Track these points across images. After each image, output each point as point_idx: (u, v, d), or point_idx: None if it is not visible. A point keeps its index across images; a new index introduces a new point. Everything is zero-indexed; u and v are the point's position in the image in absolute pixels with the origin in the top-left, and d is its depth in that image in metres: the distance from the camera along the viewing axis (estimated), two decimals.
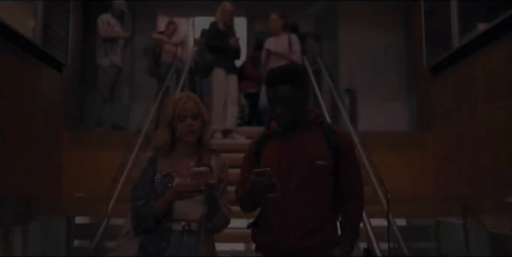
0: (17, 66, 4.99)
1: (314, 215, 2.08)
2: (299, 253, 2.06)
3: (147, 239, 2.14)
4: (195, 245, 2.14)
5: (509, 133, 4.31)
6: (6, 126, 4.71)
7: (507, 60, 4.36)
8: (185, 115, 2.21)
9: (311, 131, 2.17)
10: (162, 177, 2.19)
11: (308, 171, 2.08)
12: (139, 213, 2.13)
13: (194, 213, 2.17)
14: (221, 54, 5.81)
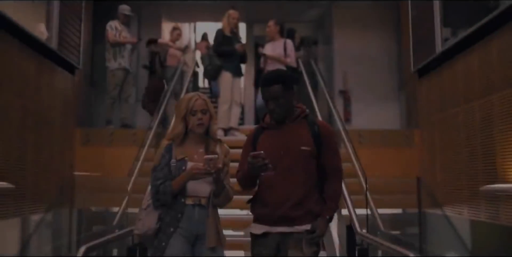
0: (36, 70, 5.45)
1: (300, 190, 2.55)
2: (288, 221, 2.52)
3: (165, 211, 2.61)
4: (204, 217, 2.61)
5: (485, 130, 4.76)
6: (26, 124, 5.16)
7: (482, 64, 4.82)
8: (196, 111, 2.67)
9: (298, 123, 2.65)
10: (177, 161, 2.65)
11: (295, 155, 2.56)
12: (159, 190, 2.58)
13: (204, 191, 2.64)
14: (228, 58, 6.28)
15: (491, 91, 4.63)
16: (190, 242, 2.61)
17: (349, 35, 8.40)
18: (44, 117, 5.59)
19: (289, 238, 2.54)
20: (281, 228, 2.56)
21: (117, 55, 6.59)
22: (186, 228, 2.60)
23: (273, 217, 2.56)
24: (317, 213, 2.57)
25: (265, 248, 2.57)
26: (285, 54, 6.17)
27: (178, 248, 2.55)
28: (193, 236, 2.61)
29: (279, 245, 2.56)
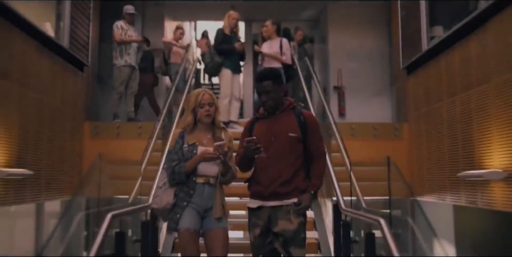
0: (50, 67, 5.86)
1: (288, 170, 3.00)
2: (278, 196, 2.96)
3: (179, 188, 3.05)
4: (212, 193, 3.06)
5: (464, 122, 5.19)
6: (42, 117, 5.57)
7: (462, 62, 5.24)
8: (204, 104, 3.12)
9: (286, 113, 3.10)
10: (189, 146, 3.10)
11: (284, 140, 3.01)
12: (174, 171, 3.02)
13: (212, 171, 3.09)
14: (228, 56, 6.68)
15: (469, 87, 5.06)
16: (200, 214, 3.06)
17: (343, 34, 8.80)
18: (57, 111, 6.01)
19: (279, 210, 2.98)
20: (272, 202, 3.00)
21: (123, 53, 7.00)
22: (197, 203, 3.04)
23: (265, 194, 3.00)
24: (303, 189, 3.01)
25: (259, 219, 3.01)
26: (281, 52, 6.58)
27: (190, 219, 3.00)
28: (203, 209, 3.06)
29: (270, 217, 2.99)
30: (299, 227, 2.95)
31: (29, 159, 5.18)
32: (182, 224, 2.98)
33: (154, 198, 3.11)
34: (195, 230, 3.00)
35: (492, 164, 4.57)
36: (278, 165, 3.00)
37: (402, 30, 7.04)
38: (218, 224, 3.06)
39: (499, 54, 4.50)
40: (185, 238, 2.97)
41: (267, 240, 2.99)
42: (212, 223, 3.05)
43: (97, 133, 6.99)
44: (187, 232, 2.97)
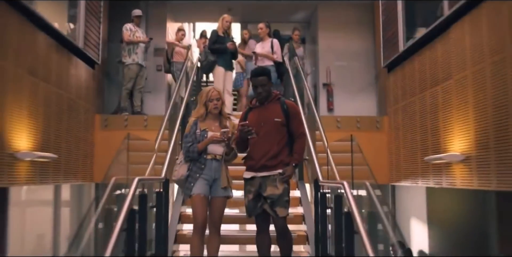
0: (67, 64, 6.58)
1: (275, 148, 3.77)
2: (267, 168, 3.71)
3: (193, 163, 3.84)
4: (219, 167, 3.85)
5: (433, 113, 5.94)
6: (62, 110, 6.30)
7: (431, 62, 6.00)
8: (213, 99, 3.89)
9: (273, 103, 3.86)
10: (201, 131, 3.85)
11: (271, 124, 3.77)
12: (189, 150, 3.79)
13: (219, 151, 3.87)
14: (221, 55, 7.39)
15: (436, 83, 5.82)
16: (209, 184, 3.83)
17: (332, 35, 9.53)
18: (73, 104, 6.73)
19: (267, 179, 3.74)
20: (262, 173, 3.76)
21: (131, 52, 7.71)
22: (207, 174, 3.81)
23: (256, 166, 3.76)
24: (287, 162, 3.77)
25: (252, 186, 3.76)
26: (272, 51, 7.31)
27: (201, 187, 3.77)
28: (212, 180, 3.83)
29: (261, 184, 3.75)
30: (283, 192, 3.70)
31: (51, 146, 5.90)
32: (195, 191, 3.75)
33: (174, 172, 3.89)
34: (204, 196, 3.77)
35: (453, 148, 5.33)
36: (267, 144, 3.76)
37: (383, 32, 7.79)
38: (224, 192, 3.84)
39: (458, 55, 5.26)
40: (197, 201, 3.73)
41: (258, 204, 3.74)
42: (219, 191, 3.83)
43: (107, 125, 7.70)
44: (198, 196, 3.74)
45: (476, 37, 4.89)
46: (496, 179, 4.51)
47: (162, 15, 9.64)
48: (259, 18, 9.23)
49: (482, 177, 4.75)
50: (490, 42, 4.62)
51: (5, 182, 4.90)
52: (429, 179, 6.10)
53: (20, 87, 5.23)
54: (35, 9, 5.43)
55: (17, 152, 5.02)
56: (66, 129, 6.43)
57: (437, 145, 5.79)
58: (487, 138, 4.66)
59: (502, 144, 4.37)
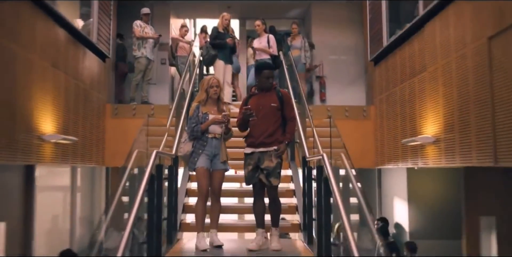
0: (83, 58, 7.29)
1: (271, 128, 4.48)
2: (264, 145, 4.43)
3: (196, 141, 4.53)
4: (218, 145, 4.55)
5: (410, 102, 6.66)
6: (79, 99, 7.01)
7: (409, 55, 6.72)
8: (212, 86, 4.57)
9: (270, 91, 4.56)
10: (203, 114, 4.54)
11: (268, 109, 4.48)
12: (193, 130, 4.49)
13: (218, 130, 4.55)
14: (221, 50, 8.10)
15: (414, 74, 6.55)
16: (210, 158, 4.53)
17: (325, 30, 10.22)
18: (87, 94, 7.44)
19: (265, 154, 4.45)
20: (261, 149, 4.47)
21: (140, 47, 8.42)
22: (208, 151, 4.52)
23: (256, 143, 4.47)
24: (281, 140, 4.48)
25: (252, 159, 4.48)
26: (268, 46, 8.04)
27: (203, 161, 4.48)
28: (212, 155, 4.54)
29: (259, 158, 4.46)
30: (276, 165, 4.44)
31: (70, 130, 6.61)
32: (198, 164, 4.46)
33: (180, 149, 4.60)
34: (207, 168, 4.48)
35: (426, 132, 6.06)
36: (264, 124, 4.48)
37: (370, 29, 8.50)
38: (222, 166, 4.55)
39: (431, 50, 5.98)
40: (200, 173, 4.45)
41: (256, 174, 4.46)
42: (218, 165, 4.54)
43: (117, 113, 8.41)
44: (202, 169, 4.46)
45: (444, 35, 5.61)
46: (459, 157, 5.24)
47: (165, 12, 10.31)
48: (257, 15, 9.92)
49: (449, 156, 5.48)
50: (455, 39, 5.33)
51: (34, 160, 5.62)
52: (407, 161, 6.84)
53: (45, 77, 5.94)
54: (57, 9, 6.13)
55: (44, 134, 5.73)
56: (82, 116, 7.15)
57: (414, 129, 6.51)
58: (452, 122, 5.39)
59: (465, 127, 5.10)
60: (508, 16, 4.30)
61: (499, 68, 4.47)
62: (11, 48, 5.04)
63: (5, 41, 4.91)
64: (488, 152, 4.62)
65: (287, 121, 4.59)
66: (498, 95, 4.48)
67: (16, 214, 5.76)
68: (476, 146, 4.86)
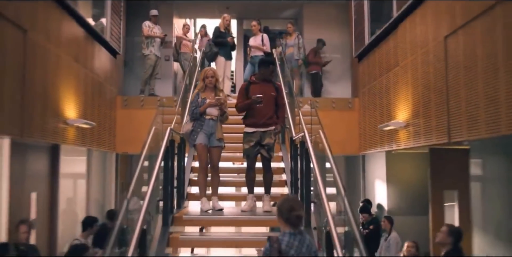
0: (98, 54, 8.21)
1: (270, 113, 5.39)
2: (265, 125, 5.35)
3: (195, 122, 5.43)
4: (214, 125, 5.45)
5: (386, 94, 7.60)
6: (95, 91, 7.93)
7: (386, 52, 7.65)
8: (208, 76, 5.51)
9: (268, 82, 5.49)
10: (201, 99, 5.46)
11: (268, 96, 5.40)
12: (193, 112, 5.41)
13: (215, 113, 5.46)
14: (222, 47, 9.04)
15: (389, 69, 7.48)
16: (207, 136, 5.42)
17: (316, 30, 11.12)
18: (101, 86, 8.35)
19: (266, 133, 5.37)
20: (262, 128, 5.38)
21: (149, 45, 9.34)
22: (206, 130, 5.42)
23: (259, 123, 5.38)
24: (277, 122, 5.42)
25: (254, 137, 5.37)
26: (262, 44, 8.98)
27: (202, 138, 5.38)
28: (209, 133, 5.43)
29: (261, 136, 5.37)
30: (274, 141, 5.39)
31: (88, 118, 7.52)
32: (198, 141, 5.38)
33: (182, 129, 5.52)
34: (205, 144, 5.40)
35: (399, 118, 7.00)
36: (266, 109, 5.39)
37: (355, 28, 9.44)
38: (218, 143, 5.47)
39: (402, 47, 6.92)
40: (200, 148, 5.38)
41: (256, 149, 5.37)
42: (214, 142, 5.45)
43: (127, 104, 9.32)
44: (201, 145, 5.38)
45: (412, 34, 6.55)
46: (423, 138, 6.19)
47: (169, 13, 11.23)
48: (253, 15, 10.86)
49: (416, 138, 6.43)
50: (420, 37, 6.28)
51: (60, 141, 6.54)
52: (384, 145, 7.78)
53: (69, 71, 6.86)
54: (78, 11, 7.05)
55: (68, 119, 6.65)
56: (98, 106, 8.06)
57: (389, 117, 7.45)
58: (418, 109, 6.34)
59: (427, 112, 6.04)
60: (458, 18, 5.24)
61: (452, 63, 5.41)
62: (44, 45, 5.97)
63: (40, 39, 5.83)
64: (443, 132, 5.56)
65: (279, 108, 5.52)
66: (451, 85, 5.41)
67: (45, 186, 6.66)
68: (435, 128, 5.80)
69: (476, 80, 4.85)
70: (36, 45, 5.73)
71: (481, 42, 4.77)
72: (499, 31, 4.45)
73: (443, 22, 5.62)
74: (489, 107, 4.58)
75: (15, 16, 5.17)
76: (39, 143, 6.31)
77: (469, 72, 5.01)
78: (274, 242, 3.10)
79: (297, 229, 3.23)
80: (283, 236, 3.20)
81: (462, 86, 5.16)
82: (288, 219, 3.22)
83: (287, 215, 3.21)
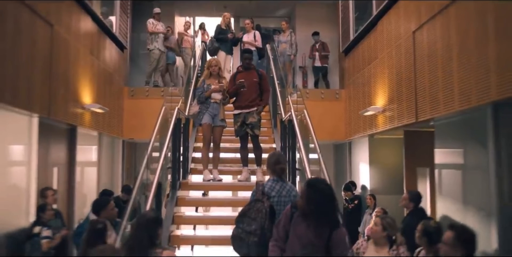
0: (109, 48, 9.09)
1: (253, 96, 6.29)
2: (248, 107, 6.25)
3: (202, 105, 6.32)
4: (218, 107, 6.36)
5: (367, 84, 8.50)
6: (106, 81, 8.81)
7: (368, 47, 8.56)
8: (212, 65, 6.41)
9: (251, 70, 6.41)
10: (206, 85, 6.35)
11: (251, 82, 6.30)
12: (200, 96, 6.30)
13: (218, 97, 6.37)
14: (223, 43, 9.93)
15: (370, 62, 8.39)
16: (212, 117, 6.32)
17: (307, 27, 12.01)
18: (111, 78, 9.23)
19: (249, 113, 6.26)
20: (246, 110, 6.27)
21: (153, 41, 10.21)
22: (210, 111, 6.31)
23: (242, 106, 6.28)
24: (259, 104, 6.30)
25: (240, 118, 6.27)
26: (254, 40, 9.88)
27: (207, 118, 6.27)
28: (213, 115, 6.33)
29: (245, 116, 6.26)
30: (257, 120, 6.26)
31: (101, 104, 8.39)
32: (203, 121, 6.28)
33: (189, 111, 6.42)
34: (210, 124, 6.29)
35: (378, 104, 7.91)
36: (249, 93, 6.29)
37: (342, 26, 10.35)
38: (220, 123, 6.36)
39: (380, 42, 7.83)
40: (205, 127, 6.27)
41: (243, 128, 6.26)
42: (218, 122, 6.34)
43: (133, 94, 10.19)
44: (206, 124, 6.27)
45: (388, 29, 7.47)
46: (397, 120, 7.09)
47: (170, 11, 12.12)
48: (250, 13, 11.75)
49: (391, 121, 7.33)
50: (394, 32, 7.19)
51: (78, 123, 7.41)
52: (366, 130, 8.69)
53: (85, 62, 7.73)
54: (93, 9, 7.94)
55: (85, 104, 7.53)
56: (108, 95, 8.94)
57: (370, 105, 8.35)
58: (392, 95, 7.24)
59: (399, 97, 6.95)
60: (423, 15, 6.14)
61: (419, 54, 6.31)
62: (66, 38, 6.84)
63: (63, 33, 6.70)
64: (412, 113, 6.47)
65: (263, 92, 6.42)
66: (418, 73, 6.32)
67: (63, 162, 7.52)
68: (406, 110, 6.71)
69: (436, 68, 5.75)
70: (60, 38, 6.61)
71: (440, 36, 5.68)
72: (453, 27, 5.35)
73: (411, 19, 6.52)
74: (446, 89, 5.48)
75: (45, 12, 6.04)
76: (60, 125, 7.17)
77: (431, 61, 5.92)
78: (259, 185, 3.99)
79: (280, 178, 4.13)
80: (267, 182, 4.10)
81: (426, 73, 6.06)
82: (274, 170, 4.12)
83: (273, 167, 4.11)
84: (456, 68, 5.28)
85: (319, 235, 3.25)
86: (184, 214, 5.79)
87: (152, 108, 9.58)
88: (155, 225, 3.22)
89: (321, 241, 3.23)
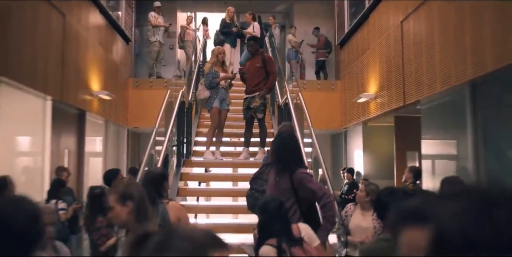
0: (116, 40, 9.56)
1: (257, 81, 6.75)
2: (253, 92, 6.72)
3: (212, 90, 6.78)
4: (226, 93, 6.85)
5: (360, 74, 8.97)
6: (114, 72, 9.28)
7: (362, 40, 9.03)
8: (220, 52, 6.89)
9: (258, 56, 6.86)
10: (215, 72, 6.82)
11: (256, 67, 6.76)
12: (211, 82, 6.77)
13: (226, 84, 6.82)
14: (228, 36, 10.42)
15: (363, 53, 8.86)
16: (220, 101, 6.78)
17: (305, 22, 12.48)
18: (118, 69, 9.70)
19: (253, 98, 6.70)
20: (251, 95, 6.73)
21: (155, 33, 10.68)
22: (219, 95, 6.78)
23: (247, 91, 6.75)
24: (263, 88, 6.76)
25: (245, 102, 6.73)
26: (253, 30, 10.36)
27: (217, 102, 6.74)
28: (222, 99, 6.79)
29: (249, 100, 6.71)
30: (260, 104, 6.70)
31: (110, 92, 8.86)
32: (214, 104, 6.74)
33: (198, 95, 6.88)
34: (218, 108, 6.76)
35: (370, 92, 8.38)
36: (253, 78, 6.76)
37: (337, 20, 10.83)
38: (227, 107, 6.84)
39: (372, 32, 8.30)
40: (214, 111, 6.74)
41: (249, 112, 6.73)
42: (225, 106, 6.82)
43: (137, 85, 10.66)
44: (215, 108, 6.74)
45: (379, 20, 7.94)
46: (387, 105, 7.56)
47: (173, 6, 12.60)
48: (249, 8, 12.18)
49: (382, 107, 7.80)
50: (384, 23, 7.66)
51: (87, 108, 7.88)
52: (360, 117, 9.16)
53: (95, 52, 8.21)
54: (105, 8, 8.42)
55: (93, 91, 8.00)
56: (114, 85, 9.41)
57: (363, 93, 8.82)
58: (383, 82, 7.72)
59: (389, 84, 7.42)
60: (410, 6, 6.61)
61: (406, 42, 6.78)
62: (77, 28, 7.32)
63: (74, 23, 7.18)
64: (400, 97, 6.94)
65: (269, 76, 6.87)
66: (405, 60, 6.79)
67: (74, 145, 7.99)
68: (395, 95, 7.18)
69: (421, 54, 6.22)
70: (72, 28, 7.08)
71: (424, 25, 6.15)
72: (436, 17, 5.82)
73: (399, 9, 6.99)
74: (429, 73, 5.95)
75: (58, 2, 6.51)
76: (70, 110, 7.64)
77: (417, 48, 6.38)
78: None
79: None
80: None
81: (412, 60, 6.53)
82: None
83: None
84: (438, 53, 5.74)
85: (284, 181, 3.73)
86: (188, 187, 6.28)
87: (156, 98, 10.04)
88: (161, 178, 3.67)
89: (287, 186, 3.72)
